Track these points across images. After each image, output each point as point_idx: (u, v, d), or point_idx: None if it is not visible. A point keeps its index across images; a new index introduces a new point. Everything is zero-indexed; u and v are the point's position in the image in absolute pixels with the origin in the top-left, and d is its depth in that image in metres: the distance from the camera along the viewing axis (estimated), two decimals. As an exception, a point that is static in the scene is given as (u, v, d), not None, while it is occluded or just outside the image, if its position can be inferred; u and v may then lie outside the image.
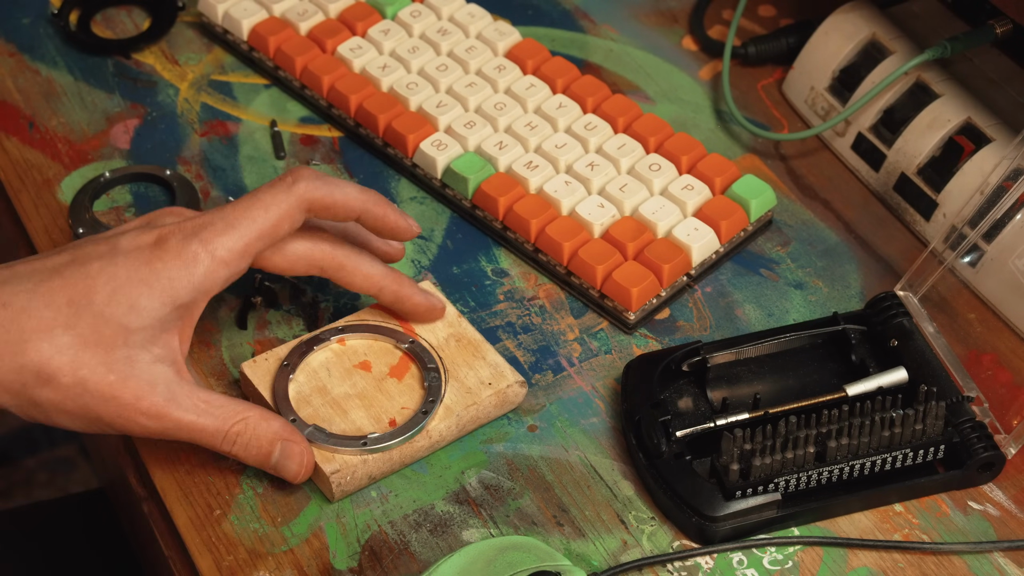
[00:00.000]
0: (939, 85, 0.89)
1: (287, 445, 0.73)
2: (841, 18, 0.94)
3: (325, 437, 0.75)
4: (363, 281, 0.77)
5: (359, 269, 0.77)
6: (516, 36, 0.96)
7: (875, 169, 0.90)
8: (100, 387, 0.70)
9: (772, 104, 0.97)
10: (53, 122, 0.93)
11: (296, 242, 0.75)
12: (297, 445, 0.74)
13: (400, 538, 0.74)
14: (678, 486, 0.73)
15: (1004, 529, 0.75)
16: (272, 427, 0.73)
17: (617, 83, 0.97)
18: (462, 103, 0.92)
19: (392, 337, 0.79)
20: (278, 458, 0.73)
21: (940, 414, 0.74)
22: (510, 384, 0.78)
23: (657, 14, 1.02)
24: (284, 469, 0.74)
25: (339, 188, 0.75)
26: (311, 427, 0.75)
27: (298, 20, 0.97)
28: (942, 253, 0.82)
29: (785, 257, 0.88)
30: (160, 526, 0.77)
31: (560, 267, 0.85)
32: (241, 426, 0.73)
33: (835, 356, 0.80)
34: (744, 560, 0.73)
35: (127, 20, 1.00)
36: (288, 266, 0.75)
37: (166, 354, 0.72)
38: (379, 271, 0.77)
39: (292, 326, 0.83)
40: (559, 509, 0.75)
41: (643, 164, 0.88)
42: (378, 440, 0.74)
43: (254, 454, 0.73)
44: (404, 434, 0.75)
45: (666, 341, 0.83)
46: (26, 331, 0.70)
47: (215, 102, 0.95)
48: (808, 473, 0.74)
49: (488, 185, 0.87)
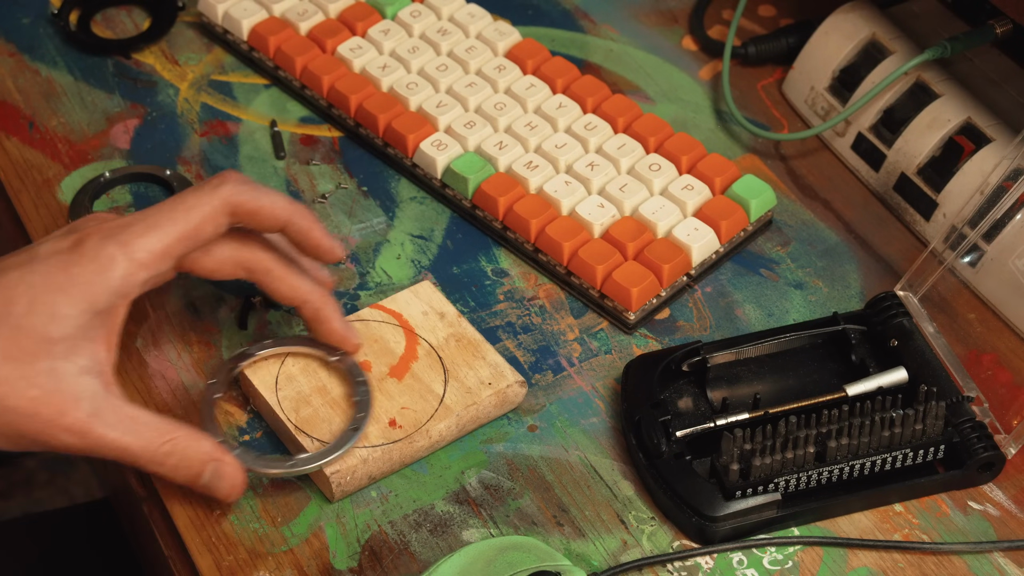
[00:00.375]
0: (939, 85, 0.89)
1: (218, 466, 0.72)
2: (841, 18, 0.94)
3: (252, 459, 0.74)
4: (288, 290, 0.75)
5: (286, 278, 0.74)
6: (516, 36, 0.96)
7: (875, 169, 0.90)
8: (21, 403, 0.67)
9: (772, 104, 0.97)
10: (53, 122, 0.93)
11: (223, 244, 0.73)
12: (228, 466, 0.72)
13: (400, 538, 0.74)
14: (678, 486, 0.73)
15: (1004, 529, 0.75)
16: (203, 448, 0.71)
17: (617, 83, 0.97)
18: (462, 103, 0.92)
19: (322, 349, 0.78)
20: (209, 478, 0.72)
21: (940, 414, 0.74)
22: (510, 384, 0.78)
23: (657, 14, 1.02)
24: (215, 489, 0.72)
25: (266, 195, 0.73)
26: (239, 448, 0.74)
27: (298, 20, 0.97)
28: (942, 253, 0.82)
29: (785, 257, 0.88)
30: (160, 526, 0.77)
31: (560, 267, 0.85)
32: (170, 447, 0.70)
33: (835, 356, 0.81)
34: (744, 560, 0.73)
35: (127, 20, 1.00)
36: (215, 267, 0.73)
37: (92, 365, 0.69)
38: (306, 285, 0.75)
39: (292, 326, 0.83)
40: (559, 509, 0.75)
41: (643, 164, 0.88)
42: (307, 460, 0.73)
43: (183, 475, 0.71)
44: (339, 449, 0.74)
45: (666, 341, 0.83)
46: None
47: (215, 102, 0.95)
48: (808, 473, 0.74)
49: (488, 185, 0.87)
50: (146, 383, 0.80)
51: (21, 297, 0.68)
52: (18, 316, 0.67)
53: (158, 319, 0.82)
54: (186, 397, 0.79)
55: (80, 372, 0.69)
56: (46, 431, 0.68)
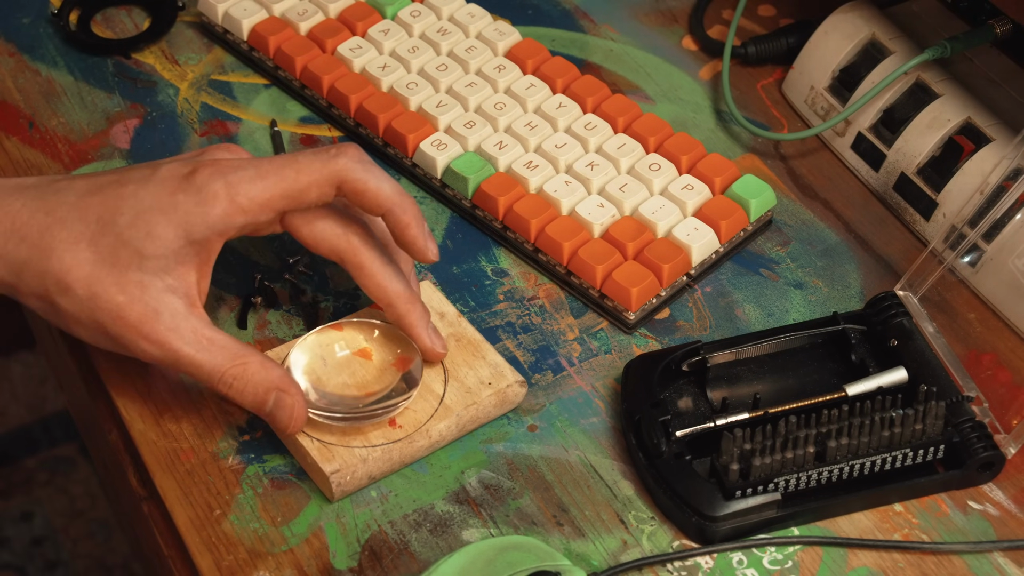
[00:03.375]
0: (939, 85, 0.89)
1: (281, 395, 0.74)
2: (841, 18, 0.94)
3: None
4: (375, 289, 0.76)
5: (375, 276, 0.76)
6: (516, 36, 0.96)
7: (875, 169, 0.90)
8: (109, 305, 0.72)
9: (772, 104, 0.97)
10: (53, 122, 0.93)
11: (327, 222, 0.75)
12: (291, 397, 0.74)
13: (400, 538, 0.74)
14: (678, 486, 0.73)
15: (1004, 529, 0.75)
16: (271, 375, 0.74)
17: (617, 83, 0.97)
18: (462, 103, 0.92)
19: None
20: (272, 407, 0.74)
21: (940, 414, 0.74)
22: (510, 384, 0.78)
23: (657, 14, 1.02)
24: (276, 419, 0.74)
25: (375, 179, 0.74)
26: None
27: (298, 20, 0.97)
28: (942, 253, 0.82)
29: (785, 257, 0.88)
30: (160, 526, 0.77)
31: (560, 267, 0.85)
32: (239, 369, 0.73)
33: (835, 356, 0.81)
34: (744, 560, 0.73)
35: (127, 20, 1.00)
36: (313, 241, 0.75)
37: (178, 286, 0.73)
38: (394, 287, 0.76)
39: (292, 326, 0.83)
40: (559, 509, 0.75)
41: (643, 164, 0.88)
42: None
43: (250, 399, 0.74)
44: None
45: (666, 341, 0.83)
46: (56, 240, 0.72)
47: (215, 102, 0.95)
48: (808, 473, 0.74)
49: (488, 185, 0.87)
50: (146, 383, 0.80)
51: (129, 210, 0.72)
52: (122, 226, 0.72)
53: (158, 319, 0.82)
54: (186, 397, 0.79)
55: (166, 289, 0.73)
56: (127, 335, 0.72)
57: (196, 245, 0.73)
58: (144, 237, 0.72)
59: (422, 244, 0.76)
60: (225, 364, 0.73)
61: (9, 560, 1.70)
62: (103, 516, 1.74)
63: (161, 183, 0.73)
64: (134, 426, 0.78)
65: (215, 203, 0.72)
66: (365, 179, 0.74)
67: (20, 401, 1.87)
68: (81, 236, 0.72)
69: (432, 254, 0.77)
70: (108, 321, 0.72)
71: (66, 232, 0.72)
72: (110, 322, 0.72)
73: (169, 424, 0.78)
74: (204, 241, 0.73)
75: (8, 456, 1.80)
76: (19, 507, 1.75)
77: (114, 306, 0.72)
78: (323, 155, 0.74)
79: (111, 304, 0.72)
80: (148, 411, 0.79)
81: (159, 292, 0.72)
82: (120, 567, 1.70)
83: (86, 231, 0.72)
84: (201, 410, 0.79)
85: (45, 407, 1.86)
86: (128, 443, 0.80)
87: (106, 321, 0.72)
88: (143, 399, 0.79)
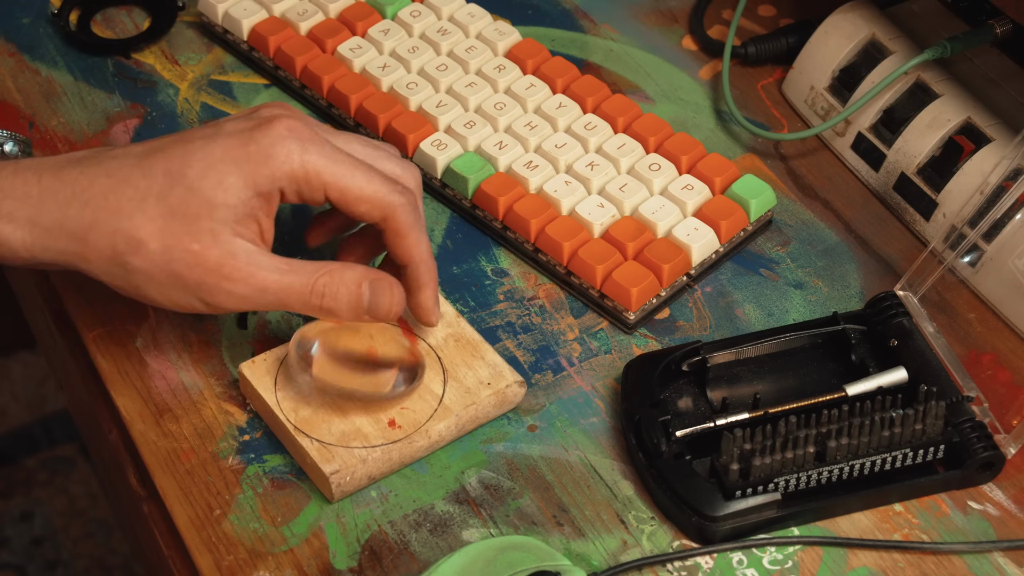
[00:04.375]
0: (939, 85, 0.89)
1: (375, 283, 0.75)
2: (841, 18, 0.94)
3: None
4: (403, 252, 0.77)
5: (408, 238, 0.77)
6: (516, 36, 0.96)
7: (875, 169, 0.90)
8: (185, 255, 0.73)
9: (772, 104, 0.97)
10: (53, 122, 0.93)
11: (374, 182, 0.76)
12: (384, 280, 0.75)
13: (400, 538, 0.74)
14: (678, 486, 0.73)
15: (1004, 529, 0.75)
16: (356, 271, 0.75)
17: (617, 83, 0.97)
18: (462, 103, 0.92)
19: None
20: (369, 298, 0.75)
21: (940, 414, 0.74)
22: (509, 384, 0.78)
23: (657, 14, 1.02)
24: (376, 307, 0.75)
25: (416, 234, 0.76)
26: None
27: (298, 20, 0.97)
28: (942, 253, 0.82)
29: (785, 257, 0.88)
30: (160, 526, 0.77)
31: (560, 267, 0.85)
32: (327, 277, 0.74)
33: (835, 356, 0.81)
34: (744, 560, 0.73)
35: (127, 20, 1.00)
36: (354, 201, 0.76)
37: (247, 233, 0.74)
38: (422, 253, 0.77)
39: (292, 326, 0.83)
40: (559, 509, 0.75)
41: (643, 164, 0.88)
42: None
43: (345, 302, 0.75)
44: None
45: (666, 341, 0.83)
46: (124, 199, 0.73)
47: (215, 102, 0.95)
48: (808, 473, 0.74)
49: (488, 185, 0.87)
50: (146, 383, 0.80)
51: (199, 163, 0.73)
52: (192, 179, 0.73)
53: (158, 319, 0.82)
54: (186, 397, 0.79)
55: (236, 235, 0.73)
56: (209, 280, 0.73)
57: (261, 197, 0.74)
58: (215, 187, 0.73)
59: (430, 307, 0.78)
60: (312, 276, 0.74)
61: (9, 560, 1.70)
62: (103, 516, 1.75)
63: (230, 136, 0.74)
64: (134, 426, 0.78)
65: (287, 159, 0.73)
66: (409, 228, 0.76)
67: (20, 401, 1.87)
68: (148, 191, 0.73)
69: (435, 320, 0.79)
70: (186, 270, 0.73)
71: (131, 190, 0.73)
72: (188, 271, 0.73)
73: (169, 424, 0.78)
74: (268, 194, 0.74)
75: (8, 456, 1.80)
76: (19, 507, 1.75)
77: (190, 254, 0.72)
78: (391, 185, 0.75)
79: (187, 253, 0.72)
80: (148, 411, 0.79)
81: (231, 237, 0.73)
82: (120, 567, 1.70)
83: (153, 185, 0.73)
84: (201, 410, 0.79)
85: (45, 407, 1.86)
86: (128, 443, 0.80)
87: (183, 271, 0.73)
88: (143, 399, 0.79)
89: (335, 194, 0.75)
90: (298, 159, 0.74)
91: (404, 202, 0.76)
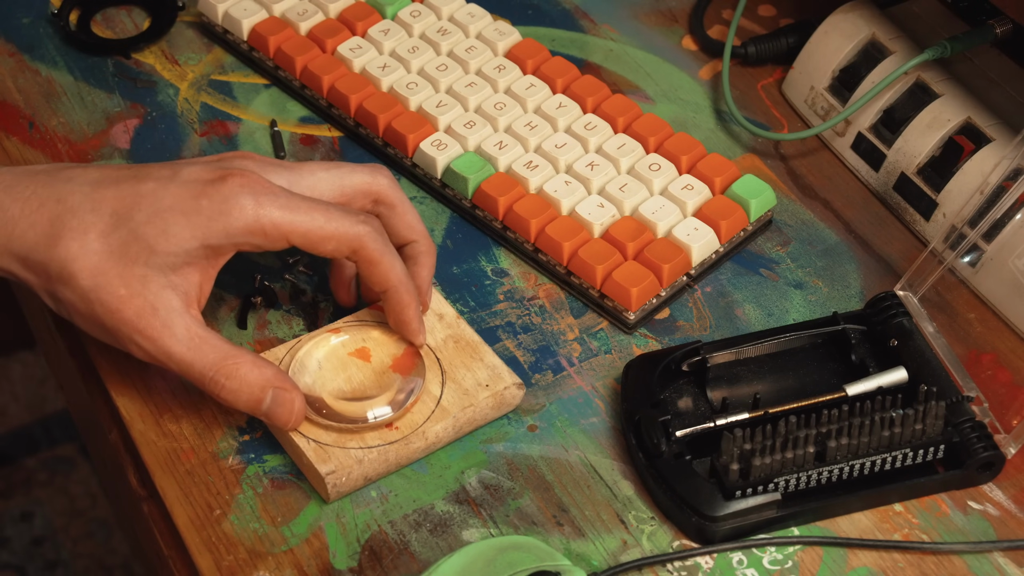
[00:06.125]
0: (939, 85, 0.89)
1: (279, 392, 0.74)
2: (841, 18, 0.94)
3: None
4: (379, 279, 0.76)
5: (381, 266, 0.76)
6: (516, 36, 0.96)
7: (875, 169, 0.90)
8: (109, 298, 0.72)
9: (772, 104, 0.97)
10: (53, 122, 0.93)
11: None
12: (289, 392, 0.74)
13: (400, 538, 0.74)
14: (678, 486, 0.73)
15: (1004, 529, 0.75)
16: (264, 374, 0.74)
17: (617, 83, 0.97)
18: (462, 103, 0.92)
19: None
20: (269, 405, 0.74)
21: (940, 414, 0.74)
22: (507, 386, 0.78)
23: (657, 14, 1.02)
24: (275, 416, 0.74)
25: (388, 259, 0.75)
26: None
27: (298, 20, 0.97)
28: (942, 253, 0.82)
29: (785, 257, 0.88)
30: (160, 526, 0.77)
31: (560, 267, 0.85)
32: (232, 368, 0.73)
33: (835, 356, 0.81)
34: (744, 560, 0.73)
35: (127, 20, 1.00)
36: None
37: (180, 284, 0.73)
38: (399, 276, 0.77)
39: (292, 326, 0.83)
40: (559, 509, 0.75)
41: (643, 164, 0.88)
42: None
43: (244, 398, 0.74)
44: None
45: (666, 341, 0.83)
46: (66, 228, 0.73)
47: (215, 102, 0.95)
48: (808, 473, 0.74)
49: (488, 185, 0.87)
50: (146, 383, 0.80)
51: (148, 207, 0.73)
52: (138, 222, 0.73)
53: (158, 319, 0.82)
54: (186, 397, 0.79)
55: (167, 286, 0.73)
56: (123, 330, 0.73)
57: (209, 250, 0.73)
58: (159, 234, 0.72)
59: (415, 327, 0.78)
60: (217, 363, 0.73)
61: (9, 560, 1.70)
62: (103, 516, 1.75)
63: (184, 186, 0.73)
64: (134, 426, 0.78)
65: (240, 215, 0.72)
66: (380, 255, 0.75)
67: (20, 401, 1.87)
68: (92, 227, 0.73)
69: (422, 339, 0.78)
70: (105, 314, 0.72)
71: (76, 221, 0.73)
72: (107, 315, 0.72)
73: (169, 424, 0.78)
74: (218, 248, 0.73)
75: (8, 456, 1.80)
76: (19, 507, 1.75)
77: (115, 299, 0.72)
78: (352, 218, 0.74)
79: (112, 296, 0.72)
80: (148, 411, 0.79)
81: (159, 287, 0.73)
82: (120, 567, 1.70)
83: (98, 222, 0.73)
84: (201, 410, 0.79)
85: (45, 407, 1.86)
86: (128, 443, 0.80)
87: (103, 314, 0.73)
88: (143, 399, 0.79)
89: (299, 239, 0.74)
90: (252, 214, 0.73)
91: (369, 230, 0.75)
